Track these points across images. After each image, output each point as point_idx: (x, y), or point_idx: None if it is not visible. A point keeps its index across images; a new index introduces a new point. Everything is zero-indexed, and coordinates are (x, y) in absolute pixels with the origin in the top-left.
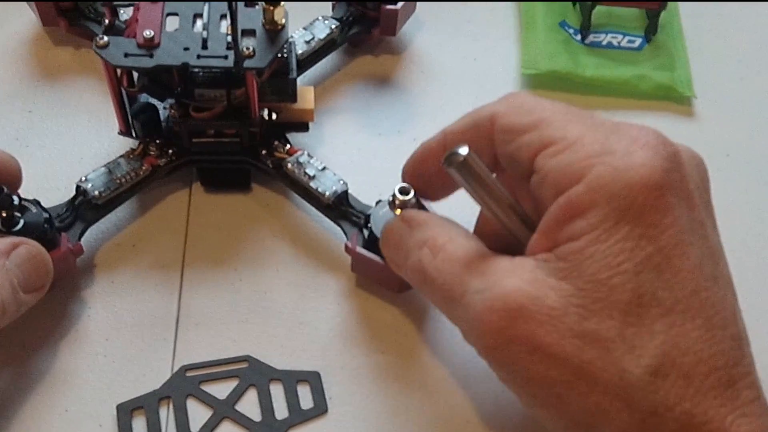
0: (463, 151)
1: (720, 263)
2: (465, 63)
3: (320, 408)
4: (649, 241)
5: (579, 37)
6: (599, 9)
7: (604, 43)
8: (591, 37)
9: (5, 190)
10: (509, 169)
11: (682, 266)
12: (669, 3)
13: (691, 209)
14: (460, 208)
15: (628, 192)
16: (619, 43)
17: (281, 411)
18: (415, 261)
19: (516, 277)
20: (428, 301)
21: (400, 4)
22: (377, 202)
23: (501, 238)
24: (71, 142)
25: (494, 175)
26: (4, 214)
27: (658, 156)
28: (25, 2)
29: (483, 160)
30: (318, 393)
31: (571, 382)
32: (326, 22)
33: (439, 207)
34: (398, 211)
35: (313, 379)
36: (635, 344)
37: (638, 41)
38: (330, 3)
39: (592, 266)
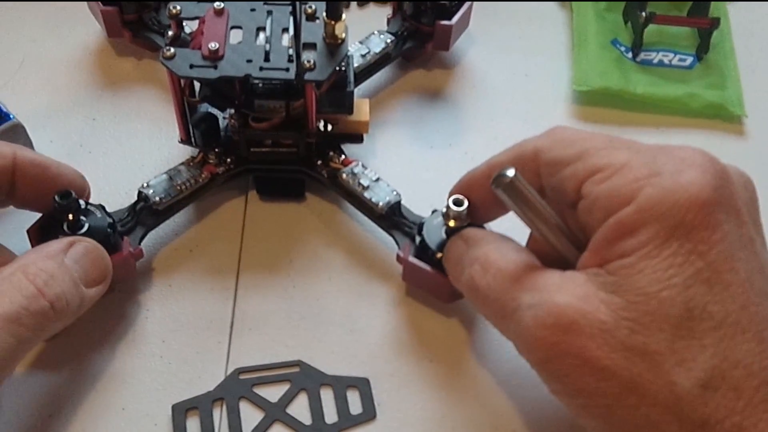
0: (510, 172)
1: None
2: (516, 78)
3: (369, 414)
4: (699, 257)
5: (630, 55)
6: (651, 27)
7: (656, 61)
8: (642, 55)
9: (73, 194)
10: (555, 199)
11: (732, 281)
12: (721, 22)
13: (740, 226)
14: (512, 231)
15: (677, 210)
16: (670, 61)
17: (331, 415)
18: (467, 277)
19: (567, 292)
20: (480, 314)
21: (454, 19)
22: (433, 212)
23: (550, 259)
24: (133, 149)
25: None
26: (70, 217)
27: (707, 174)
28: (91, 15)
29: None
30: (367, 399)
31: (621, 394)
32: (381, 36)
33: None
34: (452, 222)
35: (363, 385)
36: (685, 357)
37: (689, 60)
38: (385, 18)
39: (642, 280)
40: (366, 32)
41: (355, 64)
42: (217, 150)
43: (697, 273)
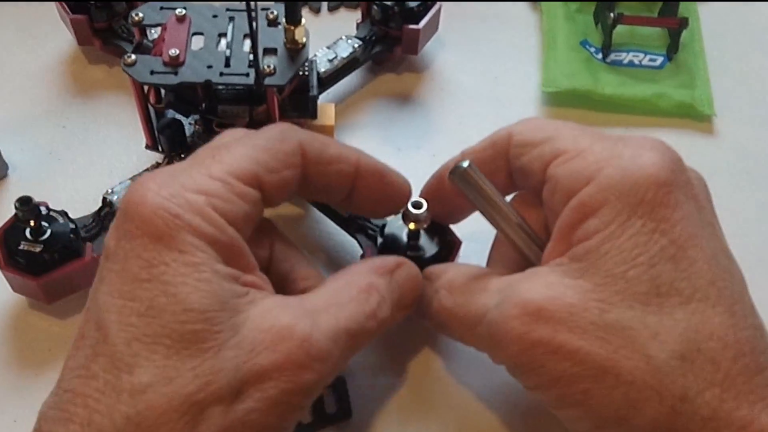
0: (465, 163)
1: (733, 261)
2: (486, 81)
3: (345, 413)
4: (662, 234)
5: (600, 55)
6: (622, 28)
7: (626, 61)
8: (612, 56)
9: (33, 200)
10: (522, 184)
11: (697, 257)
12: (690, 22)
13: (699, 209)
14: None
15: (637, 189)
16: (640, 61)
17: (306, 416)
18: (436, 305)
19: (531, 283)
20: (455, 339)
21: (421, 23)
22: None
23: (514, 263)
24: (101, 155)
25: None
26: (32, 224)
27: (665, 157)
28: (62, 23)
29: (499, 177)
30: (343, 398)
31: (598, 376)
32: (349, 41)
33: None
34: (411, 225)
35: (338, 384)
36: (658, 330)
37: (660, 60)
38: (354, 23)
39: (608, 262)
40: (334, 37)
41: (322, 69)
42: (183, 155)
43: (662, 251)
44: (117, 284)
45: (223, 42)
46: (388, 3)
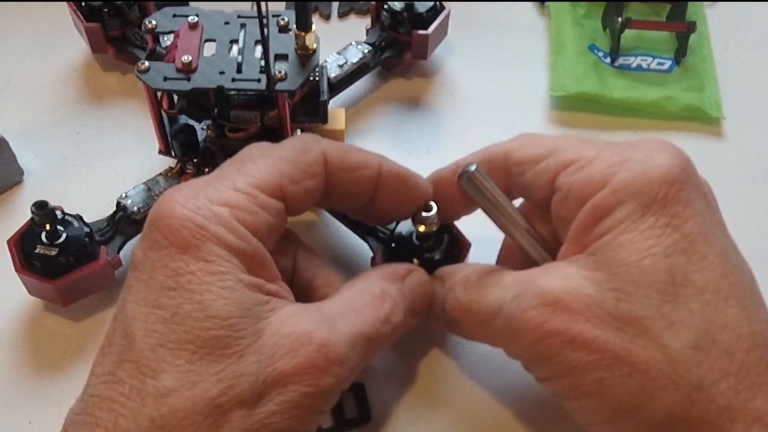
0: (472, 167)
1: (742, 259)
2: (494, 86)
3: (364, 417)
4: (675, 229)
5: (609, 60)
6: (630, 33)
7: (634, 65)
8: (621, 60)
9: (49, 205)
10: (526, 198)
11: (708, 252)
12: (699, 25)
13: (708, 208)
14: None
15: (650, 188)
16: (648, 65)
17: (326, 420)
18: (451, 301)
19: (548, 275)
20: (470, 339)
21: (430, 29)
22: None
23: (522, 266)
24: (115, 161)
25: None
26: (48, 228)
27: (675, 157)
28: (76, 31)
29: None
30: (362, 403)
31: (613, 365)
32: (359, 47)
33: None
34: (421, 227)
35: (358, 389)
36: (673, 320)
37: (668, 63)
38: (364, 28)
39: (622, 252)
40: (344, 43)
41: (333, 75)
42: (195, 160)
43: (675, 243)
44: (144, 293)
45: (235, 48)
46: (398, 9)
